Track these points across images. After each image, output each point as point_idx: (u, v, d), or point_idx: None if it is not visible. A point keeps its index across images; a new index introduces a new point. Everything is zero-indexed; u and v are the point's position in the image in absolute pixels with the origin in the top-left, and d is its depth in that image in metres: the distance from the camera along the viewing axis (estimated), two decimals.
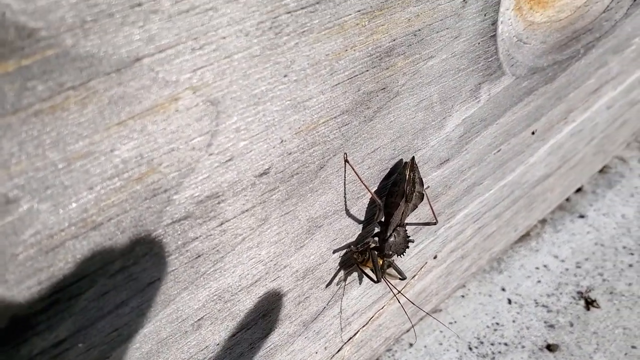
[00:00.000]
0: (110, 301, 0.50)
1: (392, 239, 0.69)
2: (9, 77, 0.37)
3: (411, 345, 1.00)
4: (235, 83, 0.49)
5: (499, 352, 0.99)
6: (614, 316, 1.04)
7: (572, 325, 1.03)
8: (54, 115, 0.40)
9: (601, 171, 1.34)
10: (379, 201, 0.66)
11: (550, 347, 0.99)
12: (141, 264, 0.50)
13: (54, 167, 0.42)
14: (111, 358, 0.53)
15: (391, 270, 0.73)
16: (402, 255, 0.70)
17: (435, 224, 0.74)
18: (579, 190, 1.29)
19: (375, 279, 0.69)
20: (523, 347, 0.99)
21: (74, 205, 0.44)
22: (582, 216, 1.24)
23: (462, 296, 1.08)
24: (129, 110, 0.44)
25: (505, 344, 1.00)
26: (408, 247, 0.70)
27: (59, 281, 0.45)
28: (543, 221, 1.22)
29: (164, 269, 0.52)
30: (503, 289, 1.09)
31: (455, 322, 1.04)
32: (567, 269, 1.13)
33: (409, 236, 0.70)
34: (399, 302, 0.70)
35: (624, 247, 1.16)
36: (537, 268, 1.13)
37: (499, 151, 0.87)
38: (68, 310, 0.47)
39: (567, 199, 1.27)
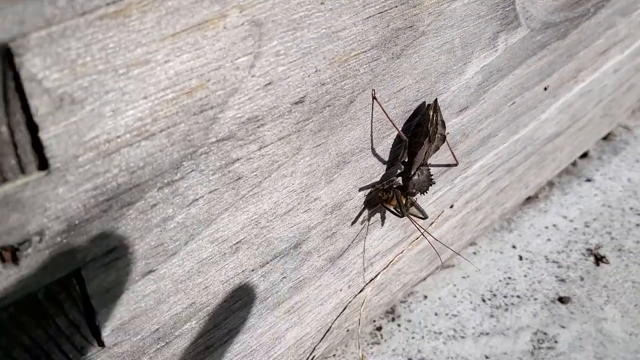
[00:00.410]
0: (157, 214, 0.52)
1: (415, 177, 0.72)
2: None
3: (426, 297, 1.02)
4: (277, 6, 0.52)
5: (512, 304, 1.02)
6: (623, 271, 1.07)
7: (582, 279, 1.05)
8: (116, 20, 0.43)
9: (606, 138, 1.37)
10: (405, 137, 0.69)
11: (562, 299, 1.02)
12: (187, 179, 0.53)
13: (115, 72, 0.44)
14: (155, 272, 0.55)
15: (412, 210, 0.76)
16: (424, 193, 0.73)
17: (456, 165, 0.77)
18: (584, 155, 1.32)
19: (400, 214, 0.72)
20: (535, 299, 1.02)
21: (130, 112, 0.46)
22: (589, 180, 1.27)
23: (474, 253, 1.11)
24: (184, 23, 0.46)
25: (518, 297, 1.03)
26: (431, 184, 0.73)
27: (113, 188, 0.48)
28: (551, 184, 1.25)
29: (207, 187, 0.55)
30: (514, 247, 1.12)
31: (468, 276, 1.06)
32: (575, 228, 1.15)
33: (432, 175, 0.73)
34: (427, 238, 0.73)
35: (631, 208, 1.19)
36: (546, 227, 1.16)
37: (513, 104, 0.90)
38: (120, 219, 0.50)
39: (574, 164, 1.29)
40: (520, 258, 1.10)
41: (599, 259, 1.09)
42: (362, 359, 0.84)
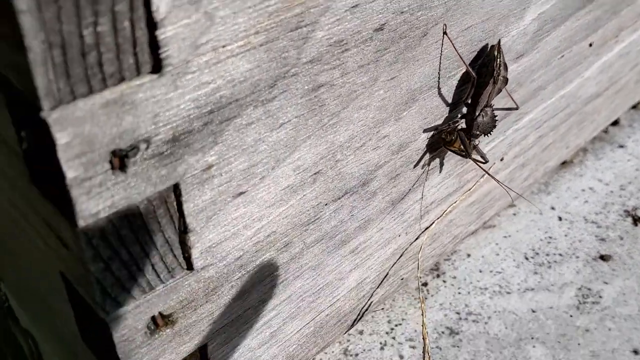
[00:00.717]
0: (251, 134, 0.53)
1: (480, 118, 0.72)
2: None
3: (469, 255, 1.03)
4: None
5: (555, 262, 1.02)
6: None
7: (622, 238, 1.06)
8: None
9: (635, 107, 1.37)
10: (473, 73, 0.69)
11: (603, 257, 1.02)
12: (279, 99, 0.53)
13: None
14: (246, 194, 0.55)
15: (474, 154, 0.76)
16: (488, 135, 0.74)
17: (516, 108, 0.78)
18: (615, 123, 1.33)
19: (465, 154, 0.72)
20: (577, 257, 1.03)
21: (238, 20, 0.46)
22: (621, 146, 1.27)
23: (514, 214, 1.11)
24: None
25: (560, 255, 1.03)
26: (495, 126, 0.73)
27: (216, 100, 0.48)
28: (584, 150, 1.25)
29: (295, 111, 0.55)
30: (552, 208, 1.13)
31: (509, 236, 1.07)
32: (612, 191, 1.16)
33: (496, 116, 0.73)
34: (493, 177, 0.73)
35: None
36: (583, 190, 1.17)
37: (562, 57, 0.90)
38: (219, 135, 0.50)
39: (605, 131, 1.30)
40: (560, 219, 1.10)
41: (636, 220, 1.09)
42: (423, 302, 0.84)
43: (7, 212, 0.61)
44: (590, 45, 0.96)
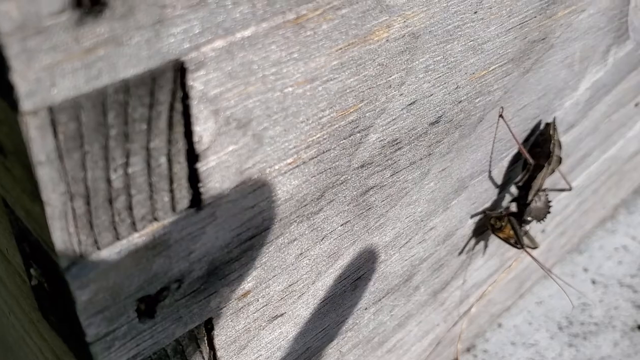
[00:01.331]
0: (293, 251, 0.46)
1: (533, 204, 0.65)
2: None
3: (500, 325, 0.96)
4: (436, 15, 0.45)
5: (590, 332, 0.95)
6: None
7: None
8: (293, 29, 0.36)
9: None
10: (531, 160, 0.62)
11: None
12: (325, 210, 0.46)
13: (281, 91, 0.37)
14: (284, 316, 0.48)
15: (524, 240, 0.69)
16: (542, 221, 0.67)
17: (570, 189, 0.71)
18: None
19: (519, 246, 0.65)
20: (614, 326, 0.96)
21: (289, 137, 0.39)
22: None
23: (545, 277, 1.04)
24: (352, 34, 0.40)
25: (595, 324, 0.97)
26: (549, 212, 0.66)
27: (258, 224, 0.41)
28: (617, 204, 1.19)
29: (341, 219, 0.48)
30: (585, 270, 1.06)
31: (542, 302, 1.00)
32: None
33: (550, 201, 0.66)
34: (543, 268, 0.66)
35: None
36: (616, 249, 1.10)
37: (609, 121, 0.83)
38: (258, 259, 0.43)
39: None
40: (593, 282, 1.04)
41: None
42: None
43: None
44: (637, 105, 0.89)
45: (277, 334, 0.49)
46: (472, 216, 0.65)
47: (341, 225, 0.49)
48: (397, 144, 0.49)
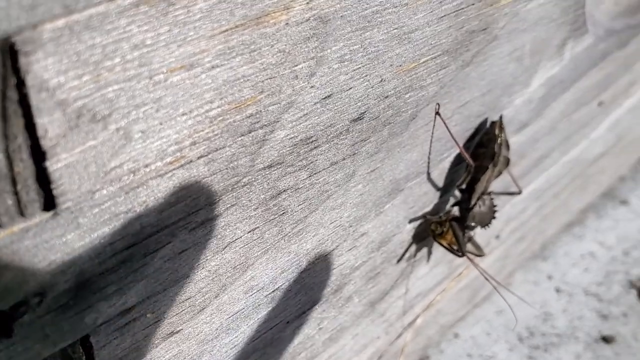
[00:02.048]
0: (187, 262, 0.41)
1: (477, 208, 0.60)
2: None
3: (457, 335, 0.91)
4: None
5: (552, 344, 0.91)
6: None
7: (625, 315, 0.95)
8: (157, 8, 0.31)
9: None
10: (471, 161, 0.57)
11: (605, 339, 0.91)
12: (225, 217, 0.41)
13: (149, 79, 0.32)
14: (180, 333, 0.43)
15: (468, 246, 0.64)
16: (486, 227, 0.62)
17: (519, 193, 0.66)
18: (619, 177, 1.22)
19: (459, 254, 0.60)
20: (577, 338, 0.92)
21: (165, 133, 0.34)
22: (624, 202, 1.16)
23: (506, 284, 1.00)
24: (240, 15, 0.35)
25: (558, 335, 0.92)
26: (494, 217, 0.62)
27: (136, 232, 0.36)
28: (585, 207, 1.14)
29: (248, 225, 0.43)
30: (549, 277, 1.01)
31: (502, 311, 0.95)
32: (614, 257, 1.05)
33: (495, 205, 0.62)
34: (487, 279, 0.61)
35: None
36: (582, 255, 1.05)
37: (569, 120, 0.79)
38: (141, 271, 0.38)
39: (608, 185, 1.19)
40: (558, 290, 0.99)
41: None
42: None
43: None
44: (600, 104, 0.85)
45: (176, 352, 0.44)
46: (411, 221, 0.60)
47: (248, 233, 0.44)
48: (312, 142, 0.44)
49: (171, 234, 0.38)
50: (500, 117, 0.60)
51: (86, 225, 0.33)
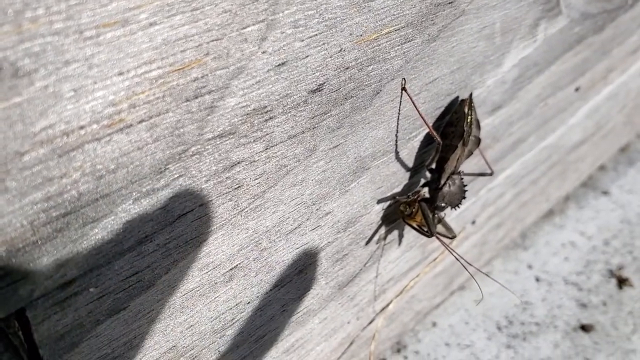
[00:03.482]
0: (132, 234, 0.39)
1: (446, 188, 0.59)
2: None
3: (435, 324, 0.90)
4: None
5: (531, 332, 0.90)
6: None
7: (605, 304, 0.94)
8: None
9: (621, 149, 1.26)
10: (438, 138, 0.56)
11: (584, 328, 0.90)
12: (173, 188, 0.39)
13: (79, 35, 0.31)
14: (127, 310, 0.42)
15: (439, 227, 0.63)
16: (456, 208, 0.60)
17: (491, 174, 0.65)
18: (600, 167, 1.21)
19: (428, 234, 0.59)
20: (555, 326, 0.90)
21: (99, 93, 0.33)
22: (605, 193, 1.15)
23: (487, 273, 0.98)
24: None
25: (537, 324, 0.91)
26: (465, 197, 0.60)
27: (73, 199, 0.34)
28: (566, 197, 1.13)
29: (199, 198, 0.42)
30: (529, 267, 1.00)
31: (481, 300, 0.94)
32: (594, 247, 1.04)
33: (466, 185, 0.60)
34: (456, 258, 0.60)
35: None
36: (563, 245, 1.04)
37: (545, 105, 0.78)
38: (80, 241, 0.36)
39: (589, 176, 1.18)
40: (537, 280, 0.98)
41: (621, 282, 0.97)
42: None
43: None
44: (577, 89, 0.83)
45: (124, 330, 0.42)
46: (379, 201, 0.59)
47: (200, 206, 0.42)
48: (267, 112, 0.43)
49: (112, 202, 0.36)
50: (470, 95, 0.58)
51: (16, 190, 0.32)
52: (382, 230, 0.62)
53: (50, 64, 0.30)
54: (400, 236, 0.65)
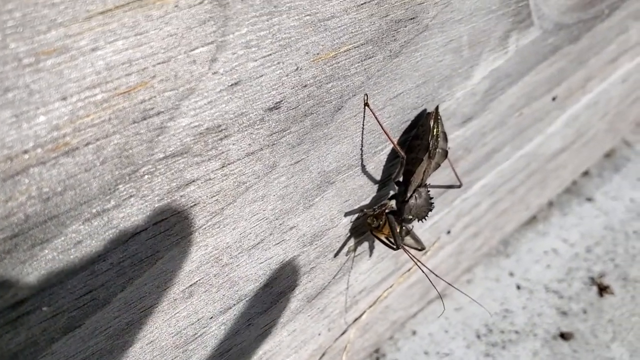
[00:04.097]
0: (84, 254, 0.39)
1: (412, 200, 0.59)
2: None
3: (414, 332, 0.90)
4: None
5: (510, 340, 0.90)
6: (630, 303, 0.96)
7: (585, 312, 0.94)
8: None
9: (606, 155, 1.26)
10: (402, 153, 0.56)
11: (564, 335, 0.90)
12: (124, 208, 0.40)
13: (17, 63, 0.31)
14: (83, 327, 0.42)
15: (408, 240, 0.63)
16: (423, 220, 0.61)
17: (459, 186, 0.65)
18: (584, 173, 1.21)
19: (394, 246, 0.59)
20: (535, 335, 0.91)
21: (41, 118, 0.33)
22: (589, 199, 1.16)
23: (468, 281, 0.99)
24: None
25: (516, 332, 0.91)
26: (431, 210, 0.61)
27: (19, 221, 0.35)
28: (550, 204, 1.13)
29: (152, 217, 0.42)
30: (511, 274, 1.00)
31: (461, 308, 0.94)
32: (577, 254, 1.04)
33: (432, 198, 0.61)
34: (423, 272, 0.60)
35: (635, 232, 1.08)
36: (545, 252, 1.05)
37: (520, 115, 0.78)
38: (30, 262, 0.37)
39: (574, 182, 1.18)
40: (519, 287, 0.98)
41: (602, 289, 0.97)
42: None
43: None
44: (554, 99, 0.84)
45: (81, 347, 0.42)
46: (347, 214, 0.59)
47: (154, 225, 0.42)
48: (221, 131, 0.43)
49: (61, 224, 0.37)
50: (436, 108, 0.59)
51: None
52: (352, 243, 0.63)
53: None
54: (371, 248, 0.66)
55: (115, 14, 0.34)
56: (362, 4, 0.48)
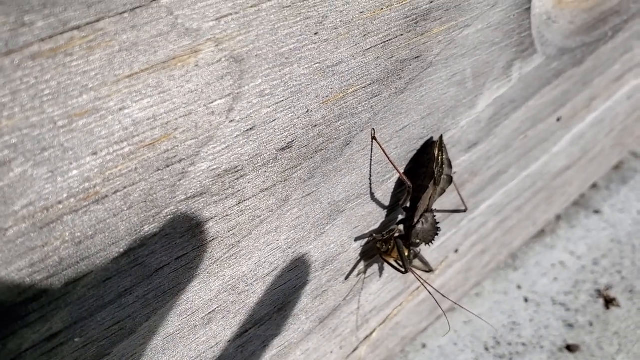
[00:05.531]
0: (112, 289, 0.43)
1: (419, 225, 0.62)
2: (3, 8, 0.30)
3: (424, 345, 0.93)
4: (261, 38, 0.43)
5: (517, 353, 0.93)
6: (635, 316, 0.98)
7: (591, 324, 0.97)
8: (54, 60, 0.33)
9: (614, 167, 1.28)
10: (409, 182, 0.60)
11: (570, 348, 0.93)
12: (149, 246, 0.43)
13: (53, 125, 0.35)
14: (111, 355, 0.46)
15: (416, 262, 0.66)
16: (430, 244, 0.64)
17: (464, 211, 0.68)
18: (592, 185, 1.23)
19: (403, 270, 0.63)
20: (542, 347, 0.93)
21: (74, 172, 0.37)
22: (597, 212, 1.18)
23: (477, 294, 1.02)
24: (144, 61, 0.37)
25: (523, 344, 0.94)
26: (437, 234, 0.64)
27: (55, 264, 0.38)
28: (557, 217, 1.16)
29: (174, 252, 0.45)
30: (519, 287, 1.03)
31: (470, 321, 0.97)
32: (583, 266, 1.07)
33: (438, 222, 0.64)
34: (430, 293, 0.63)
35: None
36: (553, 265, 1.07)
37: (525, 137, 0.81)
38: (64, 299, 0.40)
39: (581, 195, 1.21)
40: (526, 300, 1.01)
41: (609, 302, 1.00)
42: None
43: None
44: (559, 119, 0.86)
45: None
46: (357, 239, 0.62)
47: (176, 260, 0.46)
48: (237, 171, 0.46)
49: (92, 263, 0.40)
50: (440, 137, 0.62)
51: (2, 260, 0.35)
52: (362, 265, 0.66)
53: (28, 152, 0.34)
54: (381, 269, 0.69)
55: (140, 76, 0.37)
56: (368, 49, 0.51)
